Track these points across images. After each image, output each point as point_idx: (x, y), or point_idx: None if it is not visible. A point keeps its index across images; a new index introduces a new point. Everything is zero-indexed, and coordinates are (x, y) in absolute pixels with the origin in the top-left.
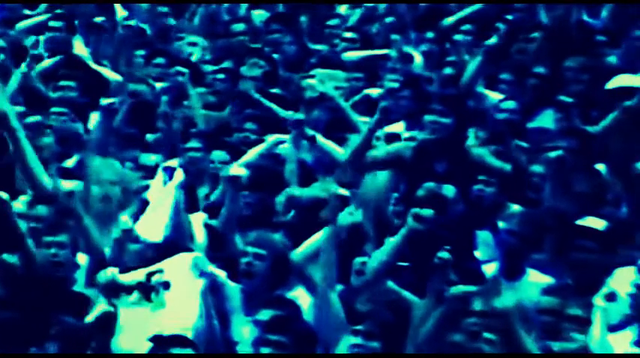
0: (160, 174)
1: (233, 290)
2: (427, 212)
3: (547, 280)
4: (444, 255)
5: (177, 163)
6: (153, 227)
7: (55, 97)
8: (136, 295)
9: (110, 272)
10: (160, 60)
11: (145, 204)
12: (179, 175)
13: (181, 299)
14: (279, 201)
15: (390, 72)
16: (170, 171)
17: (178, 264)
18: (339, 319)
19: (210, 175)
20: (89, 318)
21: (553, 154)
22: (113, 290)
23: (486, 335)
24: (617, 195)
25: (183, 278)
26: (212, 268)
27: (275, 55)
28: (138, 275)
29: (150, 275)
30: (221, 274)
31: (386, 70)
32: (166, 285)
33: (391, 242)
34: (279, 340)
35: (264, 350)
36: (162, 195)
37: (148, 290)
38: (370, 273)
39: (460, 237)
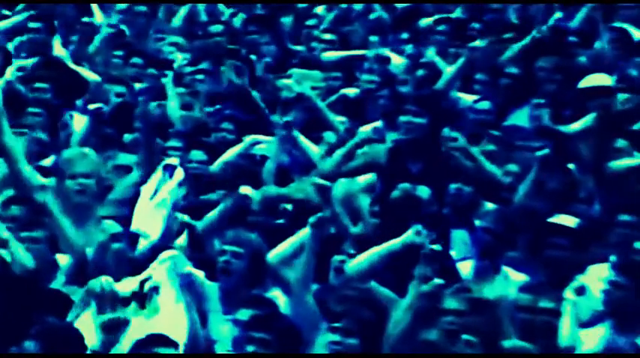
0: (160, 172)
1: (211, 289)
2: (429, 233)
3: (522, 278)
4: (436, 247)
5: (178, 161)
6: (149, 224)
7: (32, 98)
8: (133, 306)
9: (105, 281)
10: (137, 60)
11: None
12: (179, 174)
13: (172, 301)
14: (254, 201)
15: (367, 72)
16: (171, 169)
17: (164, 266)
18: (314, 319)
19: (190, 175)
20: (105, 315)
21: (540, 153)
22: (110, 302)
23: (465, 336)
24: (590, 193)
25: (171, 279)
26: (190, 268)
27: (253, 56)
28: (131, 285)
29: (142, 283)
30: (199, 274)
31: (363, 71)
32: (157, 290)
33: (386, 248)
34: (263, 337)
35: (250, 348)
36: (163, 193)
37: (142, 299)
38: (356, 273)
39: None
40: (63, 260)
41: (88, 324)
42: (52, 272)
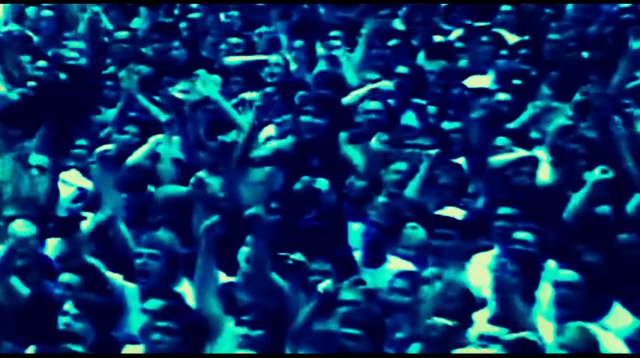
0: None
1: (130, 290)
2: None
3: (408, 267)
4: (297, 257)
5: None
6: None
7: None
8: None
9: None
10: (42, 63)
11: None
12: None
13: None
14: (152, 200)
15: (267, 76)
16: None
17: None
18: (218, 313)
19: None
20: None
21: (431, 152)
22: None
23: (352, 330)
24: (477, 188)
25: None
26: None
27: (158, 61)
28: None
29: None
30: (117, 277)
31: (264, 75)
32: None
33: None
34: (168, 326)
35: (155, 337)
36: None
37: None
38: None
39: (333, 226)
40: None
41: None
42: None
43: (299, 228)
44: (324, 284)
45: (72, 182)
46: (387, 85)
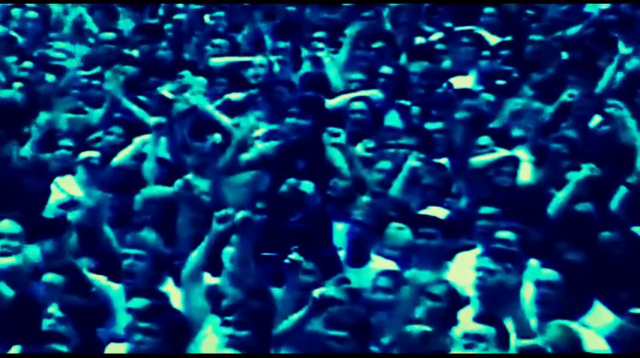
0: None
1: (116, 292)
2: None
3: (392, 266)
4: (295, 256)
5: None
6: None
7: None
8: None
9: None
10: (28, 64)
11: None
12: None
13: None
14: (137, 201)
15: (251, 78)
16: None
17: None
18: (203, 312)
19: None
20: None
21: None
22: None
23: (337, 332)
24: (459, 187)
25: None
26: None
27: (144, 62)
28: None
29: None
30: (101, 279)
31: (249, 76)
32: None
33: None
34: (150, 327)
35: (137, 338)
36: None
37: None
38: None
39: (318, 227)
40: None
41: None
42: None
43: (284, 228)
44: (320, 290)
45: (65, 189)
46: (375, 94)
